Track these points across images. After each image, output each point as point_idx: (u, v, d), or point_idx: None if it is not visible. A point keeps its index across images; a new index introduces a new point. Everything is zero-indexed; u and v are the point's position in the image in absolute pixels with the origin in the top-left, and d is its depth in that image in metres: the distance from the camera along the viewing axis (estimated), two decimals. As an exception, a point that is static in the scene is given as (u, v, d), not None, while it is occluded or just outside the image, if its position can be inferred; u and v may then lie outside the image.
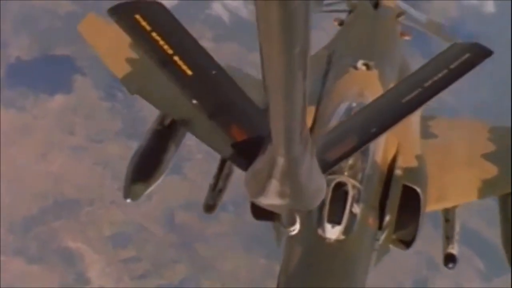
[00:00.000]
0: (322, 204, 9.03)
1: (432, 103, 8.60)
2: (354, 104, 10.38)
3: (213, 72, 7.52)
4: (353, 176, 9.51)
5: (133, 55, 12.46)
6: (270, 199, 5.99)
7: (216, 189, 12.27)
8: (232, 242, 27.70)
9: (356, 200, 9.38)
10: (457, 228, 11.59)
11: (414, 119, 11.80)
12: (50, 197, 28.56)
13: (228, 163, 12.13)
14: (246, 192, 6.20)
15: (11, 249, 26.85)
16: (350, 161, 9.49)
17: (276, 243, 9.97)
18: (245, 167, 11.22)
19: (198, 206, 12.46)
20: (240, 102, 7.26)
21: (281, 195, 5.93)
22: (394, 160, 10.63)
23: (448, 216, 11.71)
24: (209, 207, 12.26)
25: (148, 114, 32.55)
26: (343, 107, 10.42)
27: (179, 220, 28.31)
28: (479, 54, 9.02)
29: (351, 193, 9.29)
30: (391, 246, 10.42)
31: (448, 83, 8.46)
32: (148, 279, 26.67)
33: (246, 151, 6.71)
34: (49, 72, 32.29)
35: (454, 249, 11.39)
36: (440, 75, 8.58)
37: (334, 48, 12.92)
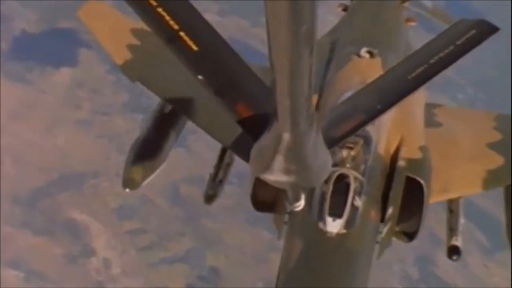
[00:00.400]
0: (323, 196, 8.96)
1: (437, 78, 8.52)
2: None
3: (219, 47, 7.48)
4: (355, 168, 9.35)
5: (134, 41, 12.39)
6: (276, 175, 6.00)
7: (217, 179, 12.20)
8: (237, 215, 27.87)
9: (358, 192, 9.19)
10: (461, 219, 11.50)
11: (418, 109, 11.71)
12: (56, 170, 28.78)
13: (229, 152, 12.10)
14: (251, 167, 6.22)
15: (18, 221, 27.12)
16: (352, 152, 9.41)
17: (277, 236, 9.80)
18: (246, 157, 11.33)
19: (202, 179, 12.63)
20: (246, 79, 7.21)
21: (287, 171, 5.94)
22: (397, 151, 10.49)
23: (452, 206, 11.61)
24: (209, 197, 12.20)
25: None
26: (345, 96, 10.09)
27: (183, 193, 28.52)
28: (485, 30, 8.85)
29: (353, 185, 9.10)
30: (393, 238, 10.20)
31: (454, 59, 8.37)
32: (153, 250, 26.91)
33: (252, 128, 6.72)
34: (54, 46, 32.45)
35: (458, 241, 11.26)
36: (446, 51, 8.47)
37: (337, 35, 12.70)
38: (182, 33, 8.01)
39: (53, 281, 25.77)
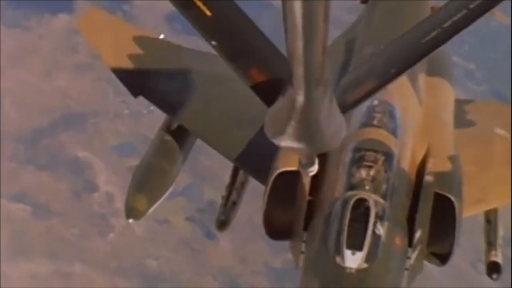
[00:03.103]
0: (340, 226, 8.16)
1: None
2: (375, 102, 9.52)
3: (232, 12, 7.12)
4: (376, 191, 8.50)
5: (137, 51, 11.80)
6: (289, 141, 5.81)
7: (229, 201, 11.42)
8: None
9: (380, 218, 8.29)
10: (500, 231, 10.70)
11: (447, 111, 10.81)
12: (57, 111, 29.69)
13: (242, 171, 11.32)
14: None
15: (22, 158, 28.13)
16: (372, 172, 8.65)
17: (295, 265, 9.03)
18: (253, 172, 10.55)
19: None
20: (260, 44, 6.88)
21: (300, 136, 5.77)
22: (423, 162, 9.58)
23: (489, 217, 10.79)
24: (222, 224, 11.28)
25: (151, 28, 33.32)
26: (364, 105, 9.26)
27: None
28: None
29: (373, 211, 8.22)
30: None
31: (468, 23, 7.83)
32: (153, 185, 27.85)
33: (266, 94, 6.51)
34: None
35: (498, 257, 10.41)
36: (459, 15, 7.88)
37: (354, 34, 11.88)
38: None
39: (59, 214, 26.95)
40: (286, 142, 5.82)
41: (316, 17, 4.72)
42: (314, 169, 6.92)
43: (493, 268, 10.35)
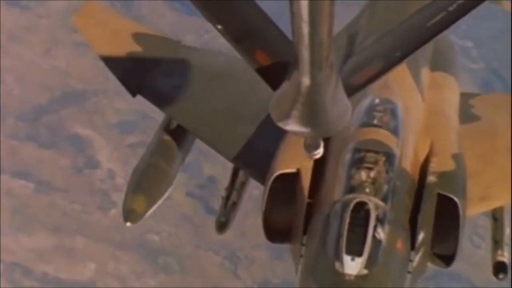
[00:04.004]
0: (339, 230, 7.94)
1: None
2: (377, 100, 9.33)
3: None
4: (376, 193, 8.31)
5: (135, 48, 11.58)
6: (295, 124, 5.77)
7: (229, 202, 11.39)
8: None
9: (381, 222, 8.08)
10: (508, 229, 10.43)
11: (451, 106, 10.58)
12: (57, 88, 29.85)
13: (242, 171, 11.21)
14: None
15: (23, 135, 28.34)
16: (372, 174, 8.45)
17: (295, 269, 8.91)
18: (251, 171, 10.44)
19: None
20: (265, 27, 6.81)
21: (306, 119, 5.73)
22: (426, 162, 9.41)
23: (496, 214, 10.54)
24: (222, 225, 11.33)
25: (147, 13, 33.47)
26: (365, 103, 9.33)
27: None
28: None
29: (373, 215, 8.01)
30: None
31: (473, 6, 7.81)
32: (154, 162, 28.14)
33: (271, 77, 6.47)
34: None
35: (504, 256, 10.19)
36: None
37: (357, 28, 11.68)
38: None
39: (62, 190, 27.18)
40: (291, 125, 5.78)
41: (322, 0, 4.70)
42: (320, 151, 6.82)
43: (500, 268, 10.10)
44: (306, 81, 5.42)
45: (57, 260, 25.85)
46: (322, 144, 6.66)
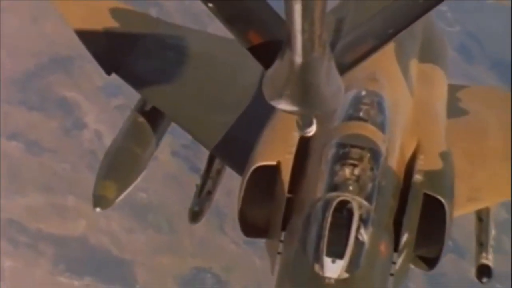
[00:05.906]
0: (319, 231, 7.51)
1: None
2: (363, 93, 8.94)
3: None
4: (360, 192, 7.89)
5: (112, 25, 11.01)
6: (288, 103, 5.63)
7: (204, 191, 10.81)
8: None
9: (364, 223, 7.66)
10: (492, 230, 10.02)
11: (439, 102, 10.17)
12: (45, 54, 30.72)
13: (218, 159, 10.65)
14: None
15: (14, 99, 29.32)
16: (356, 171, 8.02)
17: (270, 269, 8.53)
18: (231, 163, 9.48)
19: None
20: (257, 5, 6.54)
21: (299, 98, 5.60)
22: (413, 160, 8.96)
23: (481, 214, 10.10)
24: (195, 215, 10.60)
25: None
26: (349, 95, 8.88)
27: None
28: None
29: (357, 215, 7.57)
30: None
31: None
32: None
33: (264, 56, 6.24)
34: None
35: (488, 260, 9.77)
36: None
37: (344, 13, 10.91)
38: None
39: (51, 151, 28.30)
40: (284, 104, 5.64)
41: None
42: (312, 129, 6.60)
43: (484, 272, 9.73)
44: (298, 59, 5.31)
45: (49, 217, 26.93)
46: (314, 122, 6.50)
